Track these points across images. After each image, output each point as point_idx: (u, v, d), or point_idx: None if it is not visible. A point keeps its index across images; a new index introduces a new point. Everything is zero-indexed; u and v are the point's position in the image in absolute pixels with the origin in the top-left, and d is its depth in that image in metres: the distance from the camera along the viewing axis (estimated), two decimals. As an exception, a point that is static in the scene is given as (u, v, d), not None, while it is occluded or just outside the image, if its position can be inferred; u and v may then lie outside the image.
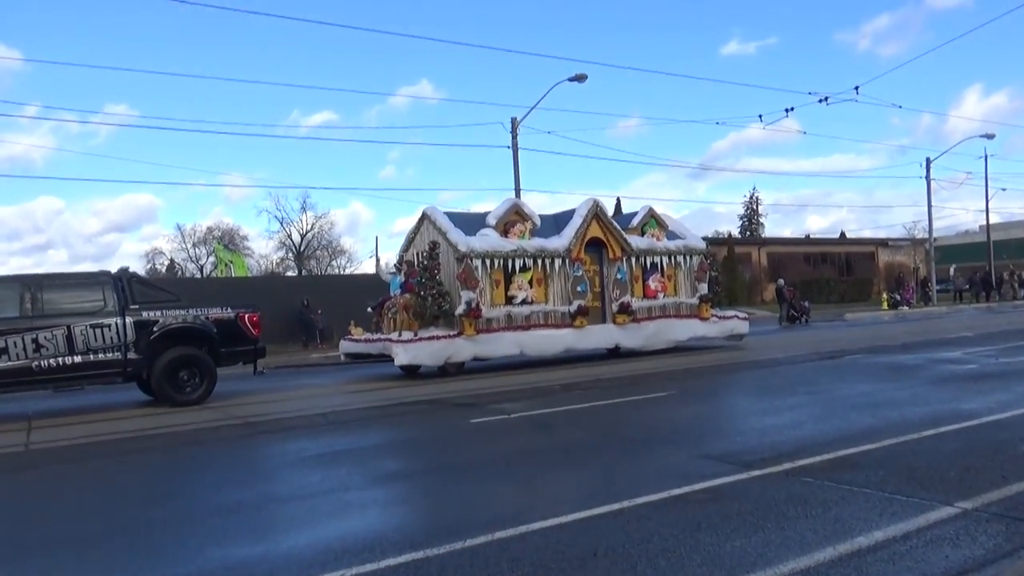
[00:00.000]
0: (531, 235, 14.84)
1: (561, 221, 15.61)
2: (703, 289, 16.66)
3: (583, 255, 15.02)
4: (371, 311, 15.13)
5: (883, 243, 50.26)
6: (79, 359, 10.50)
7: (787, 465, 5.48)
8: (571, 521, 4.38)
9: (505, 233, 14.57)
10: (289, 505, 5.29)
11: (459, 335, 13.40)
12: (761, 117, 28.98)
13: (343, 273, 51.13)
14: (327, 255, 58.59)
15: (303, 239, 56.68)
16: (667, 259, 16.37)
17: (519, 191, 25.11)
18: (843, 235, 55.83)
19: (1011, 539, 3.77)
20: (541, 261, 14.51)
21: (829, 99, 25.58)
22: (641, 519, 4.37)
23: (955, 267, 42.25)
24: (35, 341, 10.24)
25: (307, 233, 56.70)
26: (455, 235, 13.91)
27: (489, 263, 13.90)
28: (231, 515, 5.17)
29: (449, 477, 5.88)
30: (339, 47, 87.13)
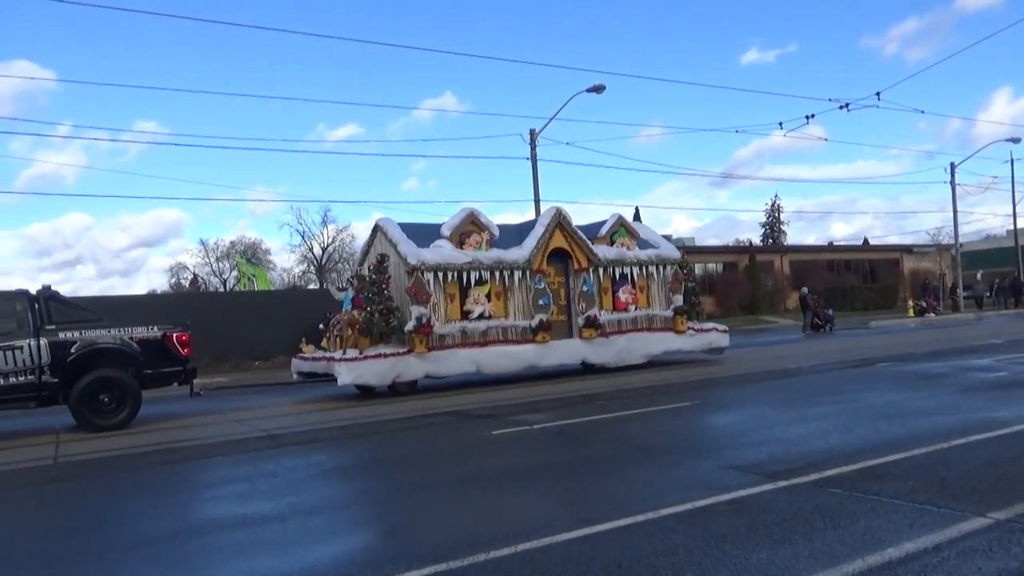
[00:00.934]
0: (489, 246, 14.18)
1: (525, 231, 14.90)
2: (678, 301, 15.90)
3: (545, 266, 14.34)
4: (322, 328, 14.51)
5: (908, 249, 49.58)
6: None
7: (814, 476, 5.41)
8: (595, 533, 4.35)
9: (461, 244, 13.90)
10: (316, 517, 5.30)
11: (409, 352, 12.70)
12: (781, 125, 28.62)
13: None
14: (347, 268, 58.98)
15: (324, 252, 57.12)
16: (638, 269, 15.62)
17: (538, 202, 25.16)
18: (866, 242, 55.17)
19: (1046, 551, 3.69)
20: (499, 273, 13.80)
21: (850, 105, 25.34)
22: (666, 531, 4.33)
23: (981, 273, 41.56)
24: None
25: (328, 246, 57.15)
26: (405, 247, 13.25)
27: (442, 276, 13.22)
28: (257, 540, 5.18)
29: (471, 489, 5.87)
30: (364, 62, 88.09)
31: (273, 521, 5.31)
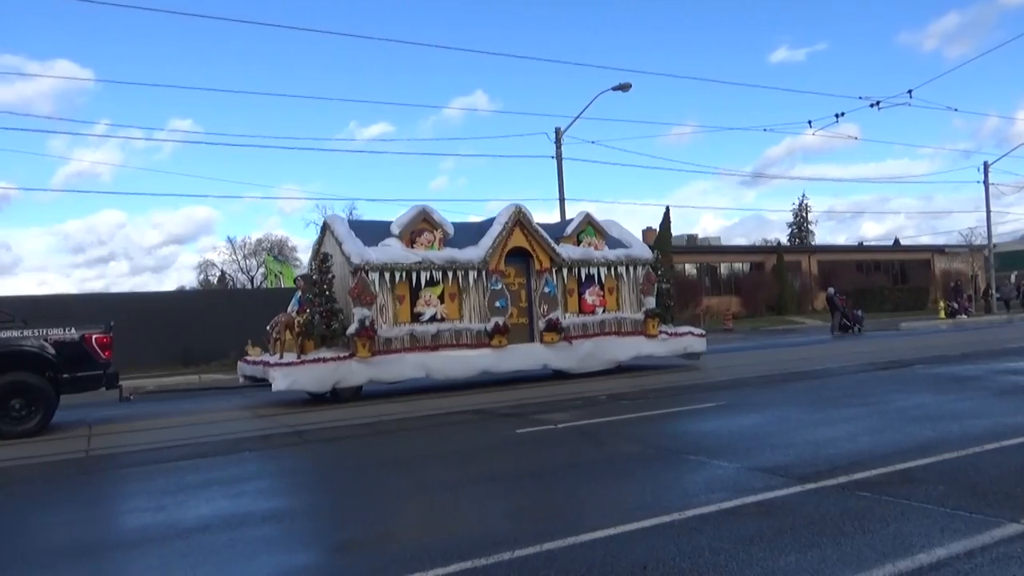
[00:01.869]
0: (443, 245, 13.47)
1: (485, 230, 14.18)
2: (650, 303, 15.19)
3: (504, 266, 13.72)
4: (270, 330, 13.87)
5: (939, 250, 48.75)
6: None
7: (842, 479, 5.35)
8: (620, 533, 4.34)
9: (412, 243, 13.22)
10: (338, 513, 5.33)
11: (351, 357, 12.04)
12: (811, 123, 28.48)
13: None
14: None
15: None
16: (606, 270, 14.85)
17: (563, 200, 25.14)
18: (897, 242, 54.36)
19: (1084, 559, 3.61)
20: (452, 274, 13.16)
21: (881, 103, 24.98)
22: (691, 532, 4.30)
23: (1016, 274, 40.73)
24: None
25: (354, 244, 57.41)
26: (349, 245, 12.61)
27: (389, 276, 12.59)
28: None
29: (496, 487, 5.88)
30: (397, 61, 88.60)
31: (303, 516, 5.36)
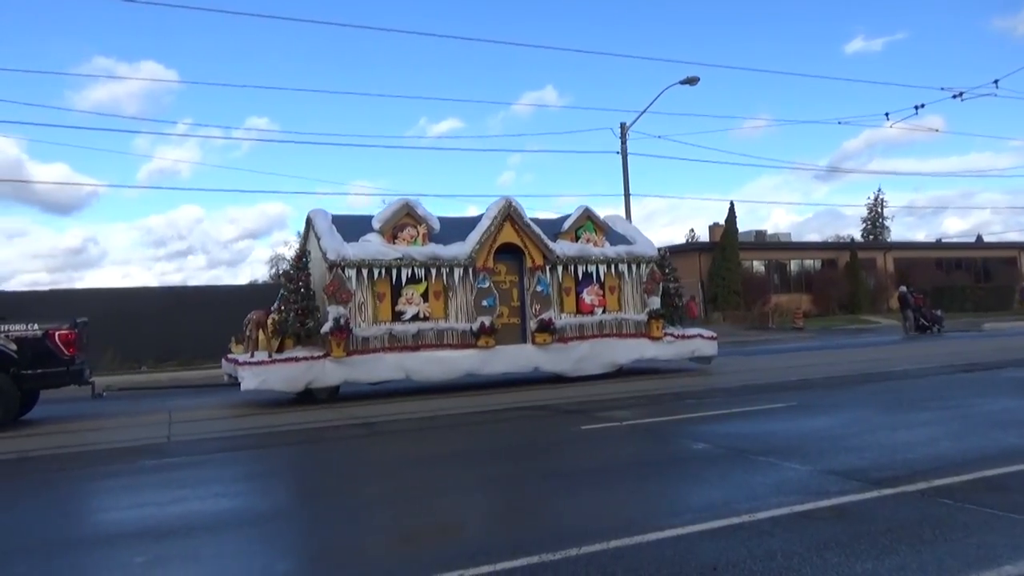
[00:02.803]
0: (427, 240, 12.85)
1: (474, 225, 13.48)
2: (654, 303, 14.28)
3: (493, 263, 13.08)
4: (244, 328, 13.58)
5: (1025, 247, 46.37)
6: None
7: (921, 484, 5.16)
8: (688, 533, 4.30)
9: (394, 238, 12.61)
10: (410, 505, 5.45)
11: (325, 356, 11.64)
12: (888, 115, 27.32)
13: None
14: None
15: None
16: (605, 268, 13.97)
17: (628, 196, 24.96)
18: (979, 239, 51.89)
19: None
20: (437, 271, 12.60)
21: (964, 94, 23.86)
22: (763, 535, 4.23)
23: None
24: None
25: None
26: (327, 241, 12.17)
27: (367, 273, 12.12)
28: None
29: (562, 483, 5.89)
30: (467, 57, 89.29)
31: (371, 505, 5.48)
